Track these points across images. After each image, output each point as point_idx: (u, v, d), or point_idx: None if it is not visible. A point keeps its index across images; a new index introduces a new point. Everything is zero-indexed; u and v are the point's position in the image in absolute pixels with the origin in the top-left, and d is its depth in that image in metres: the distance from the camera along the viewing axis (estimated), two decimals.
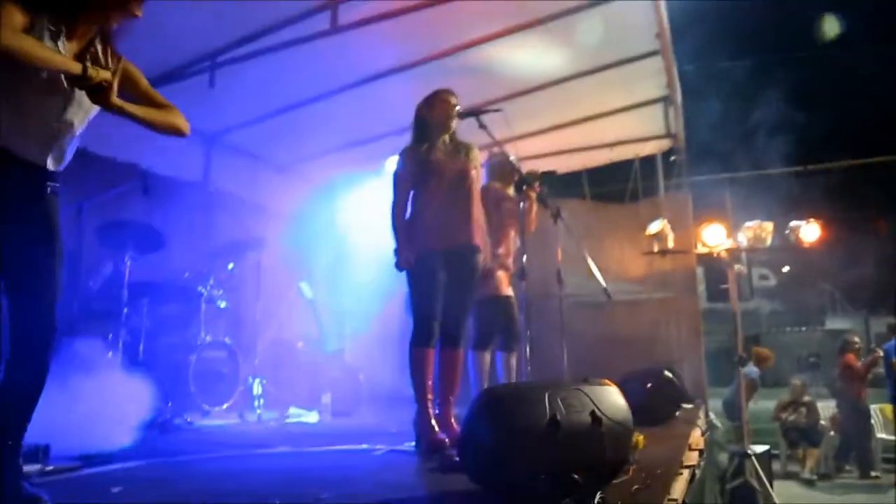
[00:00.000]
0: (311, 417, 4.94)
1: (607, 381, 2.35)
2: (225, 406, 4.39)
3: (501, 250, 4.47)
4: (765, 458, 6.08)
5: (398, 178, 3.61)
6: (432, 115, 3.64)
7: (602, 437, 2.15)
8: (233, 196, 6.72)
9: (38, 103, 2.16)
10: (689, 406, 5.52)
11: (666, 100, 6.31)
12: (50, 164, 2.23)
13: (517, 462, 2.08)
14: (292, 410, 4.99)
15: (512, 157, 4.60)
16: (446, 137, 3.69)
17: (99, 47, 2.27)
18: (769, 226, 5.86)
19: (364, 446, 3.43)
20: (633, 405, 4.41)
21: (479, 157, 3.78)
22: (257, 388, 4.88)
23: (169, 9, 4.50)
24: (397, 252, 3.48)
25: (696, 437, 3.75)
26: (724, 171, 8.44)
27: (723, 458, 5.83)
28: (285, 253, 6.17)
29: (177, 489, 2.48)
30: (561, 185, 7.44)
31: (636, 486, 2.25)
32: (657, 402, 4.35)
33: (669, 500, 2.25)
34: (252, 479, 2.70)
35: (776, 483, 6.67)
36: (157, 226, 4.97)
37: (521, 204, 3.71)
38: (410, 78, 5.90)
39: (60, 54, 2.11)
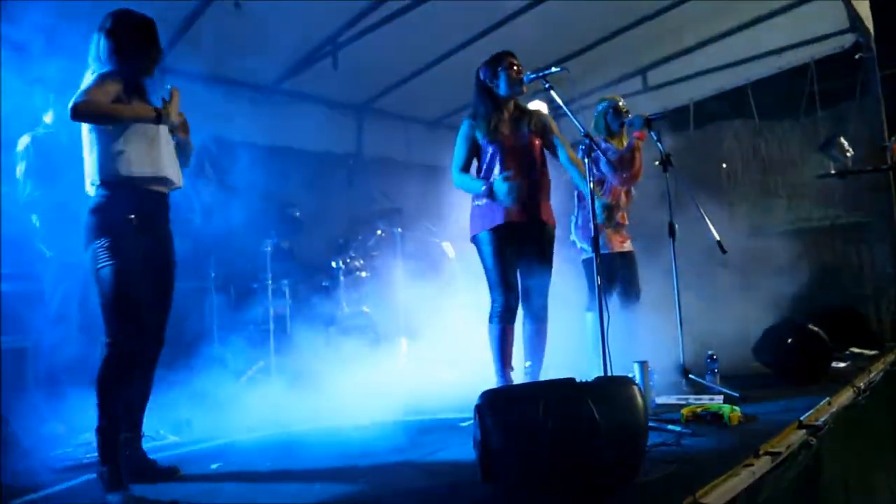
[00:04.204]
0: (451, 375, 5.18)
1: (626, 376, 2.21)
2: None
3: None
4: None
5: (459, 150, 3.55)
6: (497, 85, 3.49)
7: (601, 441, 2.04)
8: (384, 159, 7.10)
9: (147, 138, 2.67)
10: (870, 353, 4.81)
11: None
12: (175, 179, 2.76)
13: (510, 466, 2.08)
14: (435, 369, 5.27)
15: (620, 103, 4.23)
16: (511, 105, 3.53)
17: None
18: None
19: (461, 415, 3.57)
20: (771, 364, 4.05)
21: (543, 121, 3.55)
22: (404, 349, 5.25)
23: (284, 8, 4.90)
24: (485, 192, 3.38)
25: (829, 407, 3.27)
26: None
27: None
28: (432, 213, 6.39)
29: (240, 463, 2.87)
30: (724, 106, 6.65)
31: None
32: (798, 361, 3.86)
33: (696, 503, 2.06)
34: (310, 454, 3.04)
35: None
36: (304, 204, 5.52)
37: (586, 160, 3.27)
38: (539, 15, 5.68)
39: (134, 107, 2.62)
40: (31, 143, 3.90)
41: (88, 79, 2.64)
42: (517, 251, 3.41)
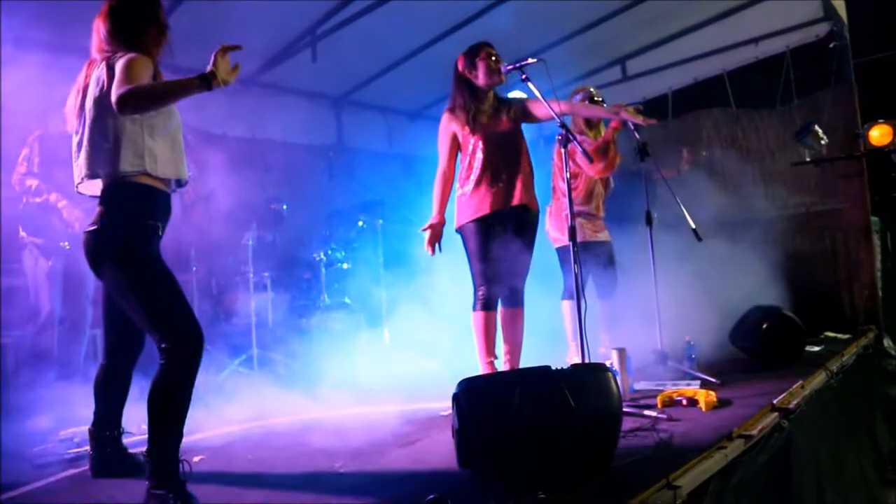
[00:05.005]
0: (433, 365, 5.20)
1: (604, 363, 2.26)
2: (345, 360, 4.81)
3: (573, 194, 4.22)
4: None
5: (441, 146, 3.59)
6: (477, 75, 3.50)
7: (575, 427, 2.08)
8: (365, 150, 7.09)
9: (169, 134, 2.46)
10: (844, 337, 4.92)
11: None
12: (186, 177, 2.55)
13: (487, 453, 2.12)
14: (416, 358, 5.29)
15: (594, 93, 4.27)
16: (490, 95, 3.55)
17: None
18: None
19: (443, 404, 3.61)
20: (746, 348, 4.14)
21: (520, 105, 3.57)
22: (386, 339, 5.27)
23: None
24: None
25: (802, 390, 3.35)
26: None
27: None
28: (413, 203, 6.39)
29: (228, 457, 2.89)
30: (703, 94, 6.72)
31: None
32: (773, 346, 3.95)
33: (669, 486, 2.12)
34: (293, 445, 3.05)
35: None
36: (284, 196, 5.51)
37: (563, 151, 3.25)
38: (517, 5, 5.69)
39: (178, 81, 2.24)
40: (39, 138, 3.98)
41: (92, 69, 2.43)
42: (501, 239, 3.44)
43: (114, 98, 2.16)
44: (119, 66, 2.26)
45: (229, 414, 3.68)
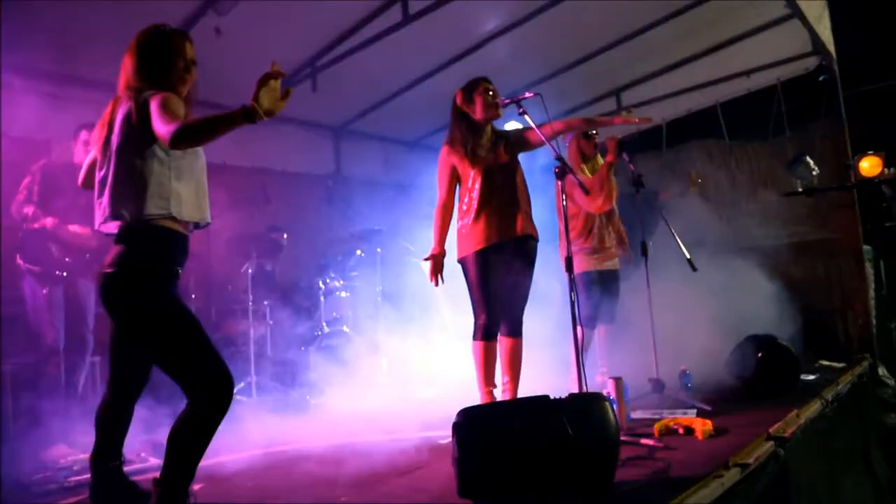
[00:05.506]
0: (431, 393, 5.22)
1: (601, 392, 2.30)
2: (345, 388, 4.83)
3: (573, 234, 4.28)
4: None
5: (440, 179, 3.66)
6: (474, 110, 3.58)
7: (573, 456, 2.12)
8: (363, 179, 7.16)
9: (194, 177, 2.42)
10: (839, 365, 4.96)
11: (799, 14, 5.40)
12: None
13: (486, 481, 2.15)
14: (414, 387, 5.31)
15: (590, 131, 4.36)
16: (488, 129, 3.63)
17: None
18: None
19: (440, 433, 3.63)
20: (742, 377, 4.18)
21: (517, 136, 3.66)
22: (384, 368, 5.29)
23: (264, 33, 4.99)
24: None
25: (797, 419, 3.39)
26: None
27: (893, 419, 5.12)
28: (411, 232, 6.46)
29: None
30: (696, 126, 6.85)
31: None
32: (768, 375, 3.99)
33: None
34: (291, 474, 3.08)
35: None
36: (283, 225, 5.57)
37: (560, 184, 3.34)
38: (514, 38, 5.81)
39: (219, 115, 2.11)
40: (42, 167, 4.01)
41: (119, 106, 2.39)
42: (501, 269, 3.49)
43: (165, 134, 2.12)
44: (154, 104, 2.22)
45: (229, 442, 3.67)
